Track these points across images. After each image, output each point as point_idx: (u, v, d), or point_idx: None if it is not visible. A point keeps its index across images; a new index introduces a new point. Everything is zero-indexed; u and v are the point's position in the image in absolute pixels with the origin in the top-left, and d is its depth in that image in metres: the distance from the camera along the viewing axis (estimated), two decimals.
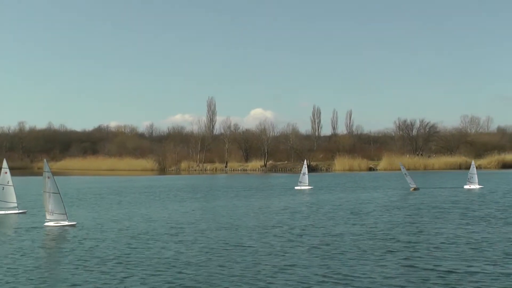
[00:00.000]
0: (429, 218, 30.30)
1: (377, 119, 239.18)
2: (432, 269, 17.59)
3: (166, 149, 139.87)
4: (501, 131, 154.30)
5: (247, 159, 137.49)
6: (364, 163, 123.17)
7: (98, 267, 18.32)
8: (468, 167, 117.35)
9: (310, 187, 57.20)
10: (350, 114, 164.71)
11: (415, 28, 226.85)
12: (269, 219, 31.12)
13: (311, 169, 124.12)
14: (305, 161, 62.09)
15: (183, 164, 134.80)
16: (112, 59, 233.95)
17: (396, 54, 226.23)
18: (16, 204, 34.39)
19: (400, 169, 56.82)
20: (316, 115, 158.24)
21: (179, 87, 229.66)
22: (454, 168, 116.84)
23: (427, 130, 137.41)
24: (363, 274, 17.07)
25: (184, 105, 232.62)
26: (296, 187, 57.75)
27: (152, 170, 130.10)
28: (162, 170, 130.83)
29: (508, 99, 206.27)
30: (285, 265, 18.33)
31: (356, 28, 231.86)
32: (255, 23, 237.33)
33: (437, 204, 38.78)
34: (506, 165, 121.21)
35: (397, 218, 30.66)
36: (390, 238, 23.56)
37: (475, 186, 55.08)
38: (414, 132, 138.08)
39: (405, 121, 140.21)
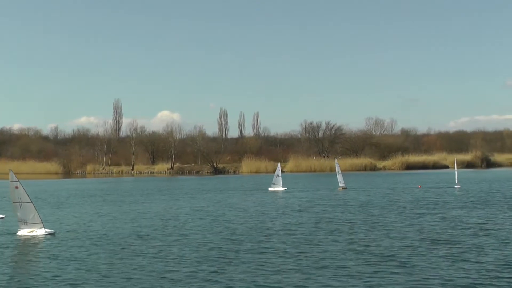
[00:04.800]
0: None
1: (284, 122, 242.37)
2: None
3: (71, 152, 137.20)
4: (405, 133, 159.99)
5: (153, 161, 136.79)
6: (271, 165, 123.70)
7: None
8: (373, 169, 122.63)
9: (284, 188, 57.08)
10: (257, 117, 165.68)
11: (322, 33, 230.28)
12: (141, 224, 29.74)
13: (218, 171, 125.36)
14: (279, 164, 62.51)
15: (89, 167, 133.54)
16: (15, 59, 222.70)
17: (302, 58, 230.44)
18: None
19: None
20: (223, 118, 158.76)
21: (84, 89, 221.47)
22: (360, 170, 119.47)
23: (333, 132, 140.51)
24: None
25: (90, 107, 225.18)
26: (269, 189, 57.67)
27: (56, 173, 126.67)
28: (67, 174, 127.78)
29: (410, 101, 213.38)
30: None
31: (261, 31, 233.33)
32: (160, 22, 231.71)
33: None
34: (409, 166, 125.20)
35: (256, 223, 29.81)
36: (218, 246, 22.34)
37: (457, 186, 55.37)
38: (320, 134, 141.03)
39: (311, 123, 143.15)
